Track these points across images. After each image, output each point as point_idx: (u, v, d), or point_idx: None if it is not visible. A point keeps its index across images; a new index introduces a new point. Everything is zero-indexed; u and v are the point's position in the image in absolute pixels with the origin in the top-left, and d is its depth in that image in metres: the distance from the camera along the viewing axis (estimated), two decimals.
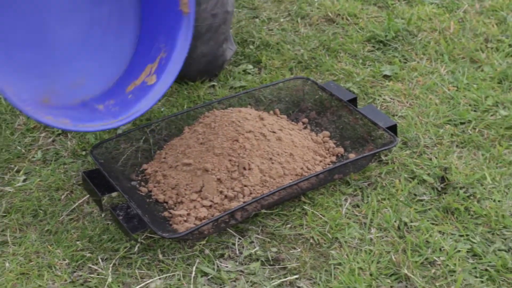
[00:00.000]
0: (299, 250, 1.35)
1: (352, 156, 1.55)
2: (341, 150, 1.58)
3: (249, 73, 1.91)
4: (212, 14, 1.76)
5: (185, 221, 1.39)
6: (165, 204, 1.45)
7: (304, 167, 1.50)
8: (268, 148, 1.49)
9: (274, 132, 1.54)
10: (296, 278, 1.30)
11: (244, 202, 1.39)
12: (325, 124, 1.66)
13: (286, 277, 1.30)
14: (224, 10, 1.80)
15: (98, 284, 1.29)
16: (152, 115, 1.73)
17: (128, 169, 1.54)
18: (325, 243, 1.37)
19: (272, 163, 1.47)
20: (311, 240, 1.38)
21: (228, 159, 1.46)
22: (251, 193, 1.42)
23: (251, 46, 2.02)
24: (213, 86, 1.86)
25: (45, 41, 1.42)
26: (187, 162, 1.47)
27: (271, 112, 1.69)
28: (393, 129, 1.57)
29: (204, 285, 1.28)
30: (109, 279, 1.29)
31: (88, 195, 1.48)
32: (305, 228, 1.40)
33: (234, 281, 1.29)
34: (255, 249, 1.35)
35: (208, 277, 1.30)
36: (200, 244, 1.37)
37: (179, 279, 1.29)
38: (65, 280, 1.30)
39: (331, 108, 1.67)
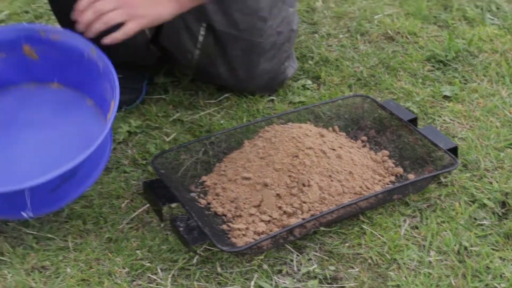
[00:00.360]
0: (357, 269, 1.35)
1: (411, 176, 1.55)
2: (400, 170, 1.58)
3: (308, 89, 1.91)
4: (277, 32, 1.78)
5: (244, 235, 1.39)
6: (223, 217, 1.46)
7: (363, 185, 1.49)
8: (327, 165, 1.49)
9: (334, 149, 1.54)
10: None
11: (303, 219, 1.40)
12: (384, 143, 1.66)
13: None
14: (289, 28, 1.81)
15: None
16: (212, 127, 1.74)
17: (187, 180, 1.55)
18: (383, 264, 1.36)
19: (332, 180, 1.47)
20: (369, 260, 1.37)
21: (288, 175, 1.46)
22: (309, 210, 1.42)
23: (310, 62, 2.02)
24: (272, 100, 1.86)
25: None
26: (247, 176, 1.48)
27: (330, 129, 1.69)
28: (453, 151, 1.56)
29: None
30: None
31: (148, 205, 1.50)
32: (364, 248, 1.40)
33: None
34: (313, 267, 1.35)
35: None
36: (258, 259, 1.37)
37: None
38: None
39: (390, 127, 1.67)
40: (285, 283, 1.32)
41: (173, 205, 1.49)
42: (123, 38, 1.44)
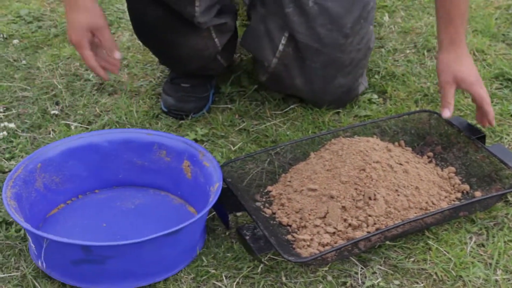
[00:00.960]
0: (422, 285, 1.34)
1: (478, 194, 1.53)
2: (466, 187, 1.56)
3: (374, 103, 1.91)
4: (357, 49, 1.78)
5: (308, 246, 1.40)
6: (288, 227, 1.46)
7: (429, 201, 1.49)
8: (394, 179, 1.49)
9: (400, 164, 1.54)
10: None
11: (368, 232, 1.40)
12: (451, 159, 1.64)
13: None
14: (367, 46, 1.82)
15: None
16: (278, 138, 1.75)
17: (253, 189, 1.56)
18: (448, 280, 1.35)
19: (398, 195, 1.46)
20: (434, 276, 1.36)
21: (354, 188, 1.46)
22: (375, 224, 1.42)
23: (376, 76, 2.02)
24: (338, 113, 1.87)
25: None
26: (313, 187, 1.49)
27: (396, 143, 1.68)
28: None
29: None
30: None
31: (213, 212, 1.51)
32: (429, 264, 1.39)
33: None
34: (378, 280, 1.35)
35: None
36: (323, 270, 1.37)
37: None
38: None
39: (457, 144, 1.66)
40: None
41: (238, 214, 1.50)
42: None
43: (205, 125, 1.83)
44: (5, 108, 1.92)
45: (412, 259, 1.40)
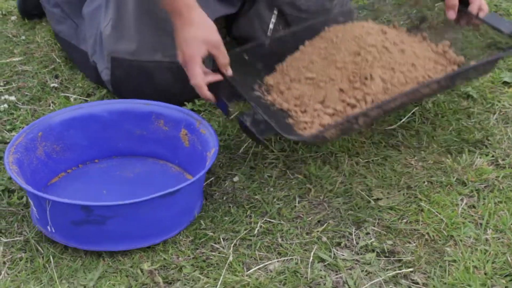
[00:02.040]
0: (414, 244, 1.38)
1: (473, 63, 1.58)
2: (461, 59, 1.61)
3: None
4: (341, 11, 1.83)
5: (310, 127, 1.43)
6: (289, 111, 1.49)
7: (425, 75, 1.53)
8: (390, 59, 1.51)
9: (396, 44, 1.56)
10: (411, 271, 1.32)
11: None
12: (445, 33, 1.68)
13: (401, 269, 1.33)
14: (348, 7, 1.87)
15: (220, 262, 1.35)
16: None
17: (250, 79, 1.58)
18: (440, 240, 1.39)
19: (394, 72, 1.49)
20: (426, 236, 1.40)
21: (351, 71, 1.48)
22: (373, 101, 1.46)
23: None
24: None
25: None
26: (310, 76, 1.51)
27: (391, 25, 1.70)
28: None
29: (321, 270, 1.33)
30: (230, 258, 1.35)
31: (212, 178, 1.55)
32: (421, 224, 1.42)
33: (350, 269, 1.33)
34: (371, 240, 1.39)
35: (325, 264, 1.34)
36: (317, 231, 1.41)
37: (296, 263, 1.34)
38: (188, 256, 1.37)
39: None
40: (343, 255, 1.36)
41: (236, 109, 1.56)
42: None
43: None
44: (5, 82, 1.95)
45: (404, 220, 1.44)
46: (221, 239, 1.40)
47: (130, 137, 1.62)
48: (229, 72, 1.49)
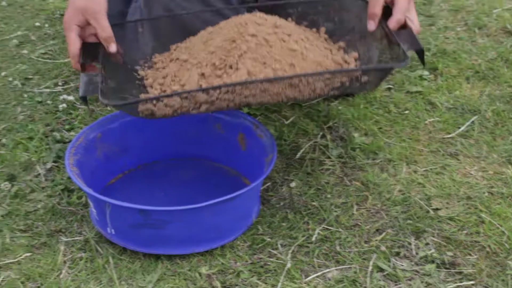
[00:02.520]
0: (475, 257, 1.36)
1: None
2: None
3: (425, 79, 1.92)
4: None
5: (154, 105, 1.31)
6: (148, 88, 1.45)
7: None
8: (266, 53, 1.39)
9: (283, 41, 1.43)
10: (472, 284, 1.30)
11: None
12: (360, 47, 1.50)
13: (461, 282, 1.31)
14: None
15: (277, 268, 1.34)
16: (330, 113, 1.78)
17: (139, 55, 1.53)
18: (502, 253, 1.36)
19: (265, 68, 1.37)
20: (488, 249, 1.37)
21: (219, 57, 1.40)
22: (227, 91, 1.32)
23: (427, 53, 2.03)
24: (389, 89, 1.88)
25: None
26: (184, 58, 1.46)
27: (292, 21, 1.54)
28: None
29: (380, 280, 1.31)
30: (288, 265, 1.34)
31: (268, 183, 1.54)
32: (482, 236, 1.40)
33: (409, 280, 1.31)
34: (431, 251, 1.37)
35: (384, 273, 1.33)
36: (376, 240, 1.40)
37: (355, 272, 1.33)
38: (246, 261, 1.36)
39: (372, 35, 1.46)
40: (402, 265, 1.34)
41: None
42: None
43: None
44: (63, 82, 1.97)
45: (465, 232, 1.42)
46: (279, 245, 1.40)
47: (187, 140, 1.63)
48: (111, 48, 1.39)
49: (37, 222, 1.47)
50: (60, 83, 1.97)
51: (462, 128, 1.70)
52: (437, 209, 1.48)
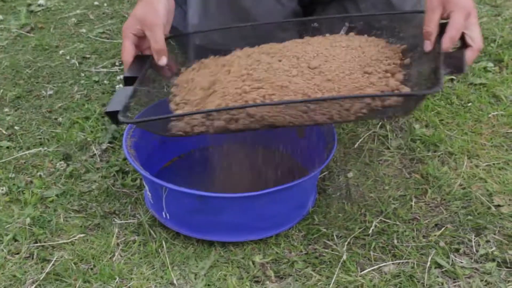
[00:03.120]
0: None
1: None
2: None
3: (489, 71, 1.86)
4: None
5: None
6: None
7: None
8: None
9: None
10: None
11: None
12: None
13: None
14: None
15: (332, 260, 1.31)
16: None
17: None
18: None
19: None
20: None
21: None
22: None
23: (492, 44, 1.97)
24: (452, 80, 1.83)
25: None
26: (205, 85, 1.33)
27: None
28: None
29: (438, 277, 1.27)
30: (344, 257, 1.31)
31: (325, 172, 1.51)
32: None
33: (469, 277, 1.27)
34: (492, 249, 1.32)
35: (442, 270, 1.29)
36: (435, 235, 1.36)
37: (412, 267, 1.29)
38: (301, 251, 1.34)
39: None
40: (462, 262, 1.30)
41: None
42: None
43: None
44: (120, 62, 1.96)
45: None
46: (335, 236, 1.37)
47: None
48: (162, 61, 1.35)
49: (91, 203, 1.46)
50: (117, 63, 1.96)
51: None
52: (499, 205, 1.43)
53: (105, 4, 2.36)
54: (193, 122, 1.22)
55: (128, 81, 1.31)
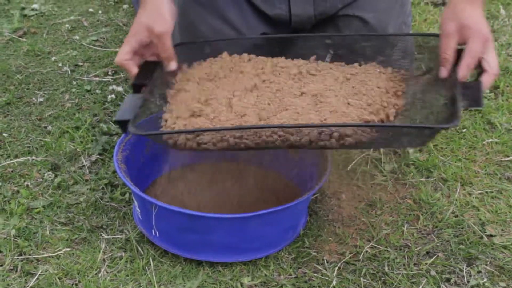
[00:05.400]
0: None
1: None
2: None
3: (484, 97, 1.85)
4: None
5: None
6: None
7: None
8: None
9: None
10: None
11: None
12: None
13: None
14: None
15: (322, 285, 1.29)
16: None
17: None
18: None
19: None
20: None
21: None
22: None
23: None
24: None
25: None
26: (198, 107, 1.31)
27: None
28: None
29: None
30: (334, 282, 1.29)
31: (317, 195, 1.49)
32: None
33: None
34: (483, 280, 1.31)
35: None
36: (426, 263, 1.34)
37: None
38: (290, 275, 1.32)
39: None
40: None
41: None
42: None
43: None
44: (113, 72, 1.94)
45: None
46: (325, 261, 1.35)
47: None
48: (171, 66, 1.34)
49: (79, 216, 1.44)
50: (110, 73, 1.94)
51: None
52: (491, 235, 1.42)
53: (100, 12, 2.34)
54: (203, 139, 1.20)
55: (136, 88, 1.29)
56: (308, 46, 1.45)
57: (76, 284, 1.28)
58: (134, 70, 1.31)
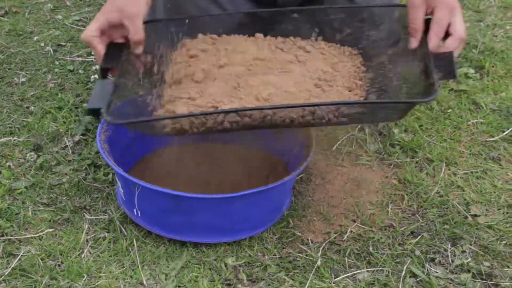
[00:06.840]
0: None
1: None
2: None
3: (470, 77, 1.85)
4: None
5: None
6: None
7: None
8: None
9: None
10: None
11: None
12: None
13: None
14: None
15: (306, 265, 1.29)
16: None
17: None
18: None
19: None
20: None
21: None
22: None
23: (474, 50, 1.96)
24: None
25: None
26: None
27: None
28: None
29: (412, 286, 1.26)
30: (318, 262, 1.29)
31: (302, 175, 1.49)
32: None
33: None
34: (468, 260, 1.31)
35: (417, 279, 1.27)
36: (411, 243, 1.34)
37: (387, 276, 1.27)
38: (274, 255, 1.31)
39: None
40: (437, 272, 1.28)
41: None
42: None
43: None
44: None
45: (504, 242, 1.35)
46: (309, 241, 1.34)
47: None
48: (137, 50, 1.30)
49: (61, 197, 1.42)
50: (93, 53, 1.92)
51: (507, 132, 1.63)
52: (475, 215, 1.42)
53: None
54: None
55: (104, 72, 1.26)
56: (293, 24, 1.43)
57: (59, 265, 1.26)
58: (100, 48, 1.27)
